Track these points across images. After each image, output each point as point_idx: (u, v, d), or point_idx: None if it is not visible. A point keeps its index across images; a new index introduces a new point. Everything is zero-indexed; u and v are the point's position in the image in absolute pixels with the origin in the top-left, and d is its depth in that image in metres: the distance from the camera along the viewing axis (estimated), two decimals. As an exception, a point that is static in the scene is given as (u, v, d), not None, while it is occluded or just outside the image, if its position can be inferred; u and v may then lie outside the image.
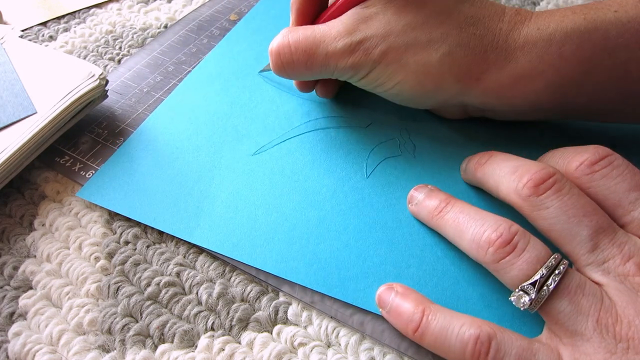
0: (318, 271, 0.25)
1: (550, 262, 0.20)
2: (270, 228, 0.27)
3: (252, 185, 0.29)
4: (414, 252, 0.26)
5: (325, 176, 0.29)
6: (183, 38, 0.39)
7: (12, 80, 0.32)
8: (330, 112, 0.33)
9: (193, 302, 0.25)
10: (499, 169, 0.23)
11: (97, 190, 0.29)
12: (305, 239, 0.26)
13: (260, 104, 0.33)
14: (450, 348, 0.20)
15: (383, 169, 0.29)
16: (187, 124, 0.32)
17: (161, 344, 0.24)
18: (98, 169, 0.30)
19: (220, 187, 0.29)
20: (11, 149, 0.28)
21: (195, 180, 0.29)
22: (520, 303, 0.20)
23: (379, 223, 0.27)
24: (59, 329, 0.24)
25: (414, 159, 0.30)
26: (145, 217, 0.28)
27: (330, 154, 0.30)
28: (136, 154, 0.31)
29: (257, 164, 0.30)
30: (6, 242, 0.28)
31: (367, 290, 0.24)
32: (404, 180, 0.29)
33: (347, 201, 0.28)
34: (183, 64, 0.37)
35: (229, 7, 0.42)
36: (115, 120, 0.33)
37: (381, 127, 0.31)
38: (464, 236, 0.22)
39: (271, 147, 0.31)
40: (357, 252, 0.26)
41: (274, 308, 0.25)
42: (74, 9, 0.42)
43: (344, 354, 0.23)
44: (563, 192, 0.21)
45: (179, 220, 0.27)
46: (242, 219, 0.27)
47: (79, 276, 0.26)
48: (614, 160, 0.21)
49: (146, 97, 0.35)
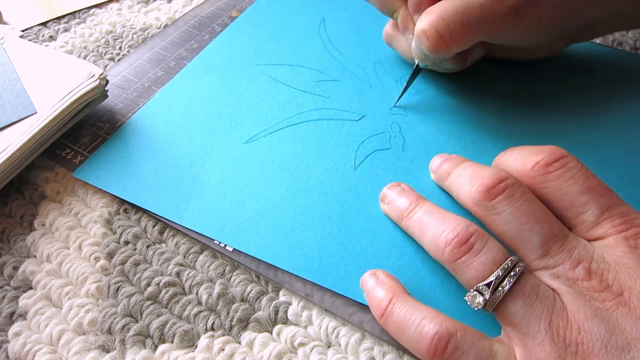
0: (300, 257, 0.26)
1: (507, 264, 0.20)
2: (256, 214, 0.27)
3: (242, 172, 0.29)
4: (395, 242, 0.26)
5: (314, 166, 0.30)
6: (185, 34, 0.39)
7: (12, 80, 0.32)
8: (323, 104, 0.33)
9: (193, 302, 0.25)
10: (460, 177, 0.24)
11: (92, 171, 0.30)
12: (290, 225, 0.27)
13: (255, 95, 0.34)
14: (409, 338, 0.20)
15: (371, 161, 0.30)
16: (183, 112, 0.33)
17: (161, 344, 0.24)
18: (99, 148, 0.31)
19: (211, 172, 0.29)
20: (11, 149, 0.28)
21: (187, 165, 0.30)
22: (475, 303, 0.20)
23: (363, 213, 0.27)
24: (59, 329, 0.24)
25: (402, 152, 0.30)
26: (137, 198, 0.28)
27: (321, 144, 0.31)
28: (132, 139, 0.31)
29: (249, 152, 0.30)
30: (6, 242, 0.28)
31: (347, 277, 0.25)
32: (391, 173, 0.29)
33: (334, 191, 0.28)
34: (184, 60, 0.37)
35: (231, 4, 0.43)
36: (117, 114, 0.33)
37: (373, 121, 0.32)
38: (425, 236, 0.23)
39: (263, 136, 0.31)
40: (340, 240, 0.26)
41: (274, 308, 0.25)
42: (74, 9, 0.42)
43: (344, 354, 0.23)
44: (515, 197, 0.21)
45: (169, 203, 0.28)
46: (230, 204, 0.28)
47: (79, 276, 0.26)
48: (569, 162, 0.22)
49: (147, 92, 0.35)
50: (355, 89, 0.34)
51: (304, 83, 0.35)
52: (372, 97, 0.34)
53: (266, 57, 0.37)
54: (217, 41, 0.38)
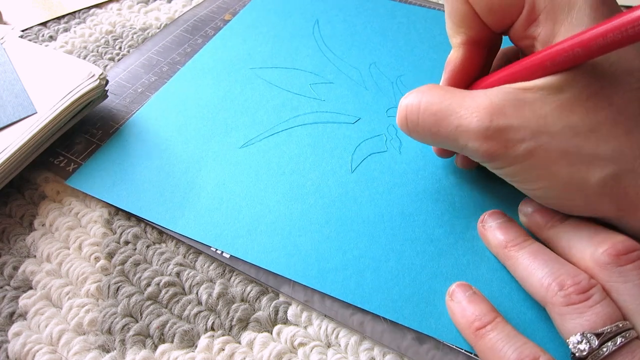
0: (298, 262, 0.25)
1: (621, 324, 0.19)
2: (253, 219, 0.27)
3: (238, 177, 0.29)
4: (394, 247, 0.26)
5: (311, 170, 0.29)
6: (178, 38, 0.39)
7: (12, 80, 0.32)
8: (318, 107, 0.33)
9: (193, 302, 0.25)
10: (576, 233, 0.22)
11: (85, 179, 0.29)
12: (287, 230, 0.27)
13: (250, 98, 0.34)
14: None
15: (368, 164, 0.30)
16: (178, 116, 0.33)
17: (161, 344, 0.24)
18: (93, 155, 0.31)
19: (207, 178, 0.29)
20: (11, 149, 0.28)
21: (183, 171, 0.30)
22: (578, 348, 0.19)
23: (361, 217, 0.27)
24: (59, 329, 0.24)
25: (399, 155, 0.30)
26: (132, 206, 0.28)
27: (317, 148, 0.31)
28: (126, 145, 0.31)
29: (244, 157, 0.30)
30: (6, 242, 0.28)
31: (345, 282, 0.25)
32: (388, 176, 0.29)
33: (331, 195, 0.28)
34: (177, 64, 0.37)
35: (224, 7, 0.42)
36: (110, 121, 0.33)
37: (369, 124, 0.32)
38: (534, 273, 0.22)
39: (259, 141, 0.31)
40: (338, 244, 0.26)
41: (274, 308, 0.25)
42: (74, 9, 0.42)
43: (344, 354, 0.23)
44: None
45: (165, 210, 0.28)
46: (226, 210, 0.28)
47: (79, 276, 0.26)
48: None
49: (140, 97, 0.35)
50: (350, 91, 0.34)
51: (298, 86, 0.34)
52: (367, 100, 0.33)
53: (260, 60, 0.36)
54: (210, 45, 0.38)
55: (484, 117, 0.21)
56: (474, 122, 0.21)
